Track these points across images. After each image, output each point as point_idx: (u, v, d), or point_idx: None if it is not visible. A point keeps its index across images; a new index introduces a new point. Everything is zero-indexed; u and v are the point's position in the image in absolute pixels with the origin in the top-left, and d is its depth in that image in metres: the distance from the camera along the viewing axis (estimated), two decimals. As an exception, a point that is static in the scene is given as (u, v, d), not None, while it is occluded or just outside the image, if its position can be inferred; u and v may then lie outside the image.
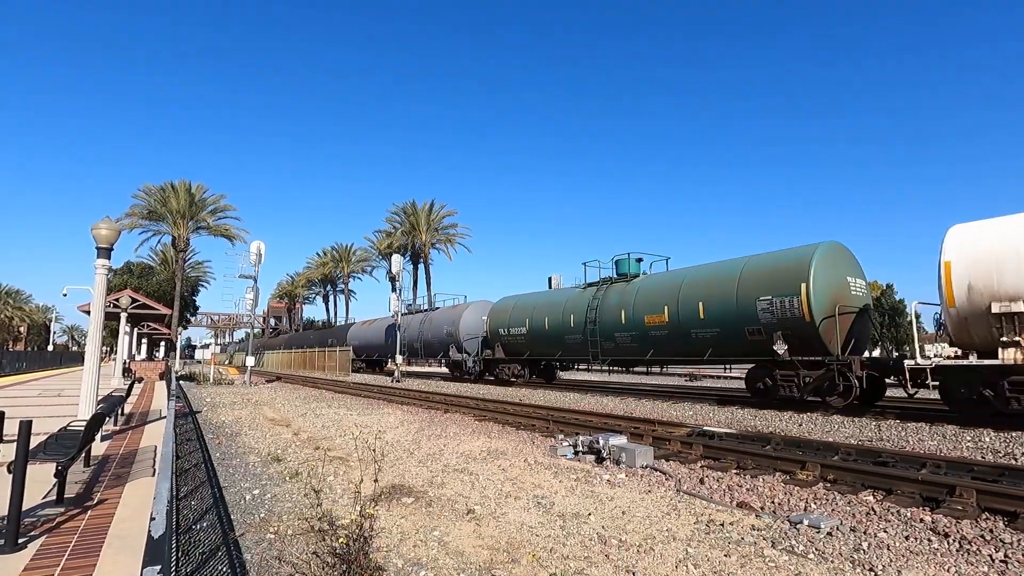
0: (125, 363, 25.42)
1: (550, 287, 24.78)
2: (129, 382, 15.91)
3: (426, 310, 33.90)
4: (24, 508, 3.94)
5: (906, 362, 11.40)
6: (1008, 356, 10.07)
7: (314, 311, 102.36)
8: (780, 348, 13.44)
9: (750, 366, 15.45)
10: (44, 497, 4.97)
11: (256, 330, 46.94)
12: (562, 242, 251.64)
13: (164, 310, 30.49)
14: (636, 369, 36.78)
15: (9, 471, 3.87)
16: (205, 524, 5.06)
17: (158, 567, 2.24)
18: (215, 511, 5.47)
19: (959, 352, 11.12)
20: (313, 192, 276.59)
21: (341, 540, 3.72)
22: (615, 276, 20.05)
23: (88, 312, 11.44)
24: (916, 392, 11.53)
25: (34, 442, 4.75)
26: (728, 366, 29.17)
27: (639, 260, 19.87)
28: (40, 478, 5.24)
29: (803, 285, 13.22)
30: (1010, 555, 4.35)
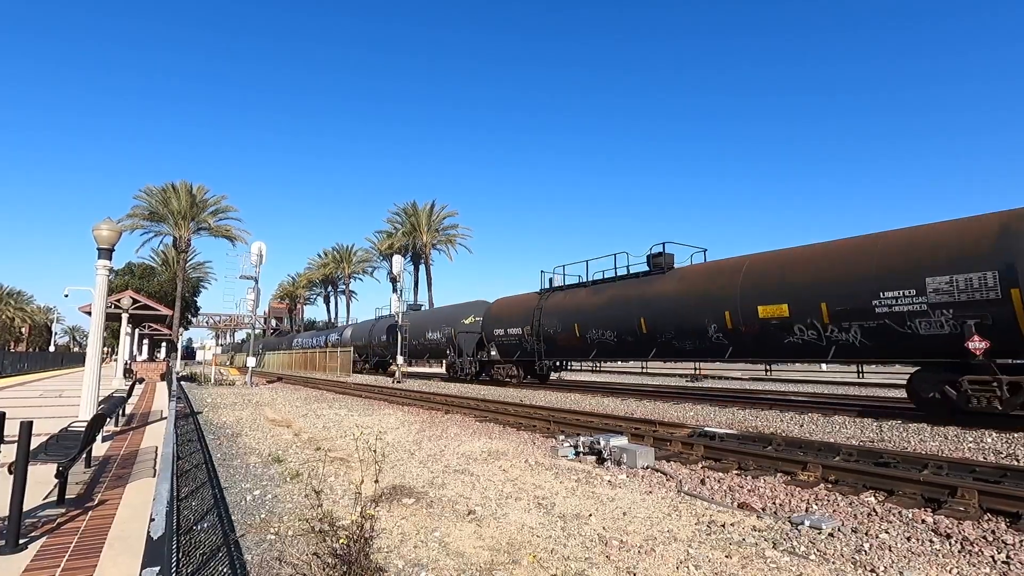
0: (126, 364, 25.45)
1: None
2: (130, 383, 15.90)
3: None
4: (25, 509, 3.94)
5: None
6: None
7: (315, 312, 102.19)
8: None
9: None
10: (45, 498, 4.98)
11: (257, 331, 46.96)
12: (565, 242, 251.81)
13: (165, 311, 30.48)
14: (630, 368, 36.79)
15: (10, 472, 3.87)
16: (206, 525, 5.06)
17: (157, 568, 2.24)
18: (216, 512, 5.47)
19: None
20: (314, 193, 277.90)
21: (342, 541, 3.72)
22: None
23: (89, 313, 11.44)
24: None
25: (35, 443, 4.75)
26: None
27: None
28: (41, 479, 5.24)
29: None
30: (1012, 556, 4.34)
